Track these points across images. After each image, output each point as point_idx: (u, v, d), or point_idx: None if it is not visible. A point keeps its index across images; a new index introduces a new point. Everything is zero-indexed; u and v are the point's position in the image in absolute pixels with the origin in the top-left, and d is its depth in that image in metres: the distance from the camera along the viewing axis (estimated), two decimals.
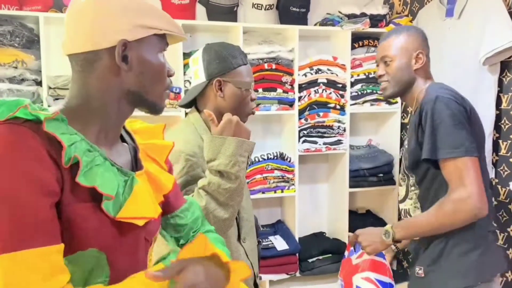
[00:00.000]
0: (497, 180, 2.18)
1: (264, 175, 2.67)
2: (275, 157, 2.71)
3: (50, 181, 0.70)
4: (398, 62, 1.56)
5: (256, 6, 2.77)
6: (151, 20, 0.83)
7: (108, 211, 0.76)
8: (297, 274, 2.76)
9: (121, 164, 0.85)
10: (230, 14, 2.75)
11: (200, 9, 2.78)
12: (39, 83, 2.31)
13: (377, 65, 1.65)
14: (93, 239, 0.76)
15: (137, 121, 1.01)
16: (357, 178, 2.88)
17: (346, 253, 1.66)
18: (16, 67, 2.25)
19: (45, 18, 2.27)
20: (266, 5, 2.77)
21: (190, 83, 2.44)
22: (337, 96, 2.79)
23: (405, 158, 1.56)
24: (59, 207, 0.72)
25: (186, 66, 2.49)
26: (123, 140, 0.94)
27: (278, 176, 2.70)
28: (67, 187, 0.73)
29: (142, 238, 0.88)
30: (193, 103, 1.47)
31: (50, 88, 2.31)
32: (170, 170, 1.04)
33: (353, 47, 2.83)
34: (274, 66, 2.63)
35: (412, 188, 1.52)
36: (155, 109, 0.88)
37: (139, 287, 0.73)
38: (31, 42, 2.32)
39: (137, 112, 0.90)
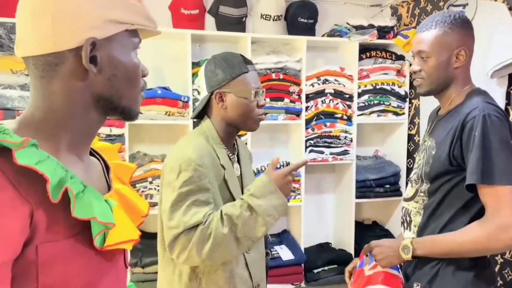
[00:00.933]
0: None
1: None
2: (282, 167, 2.71)
3: (9, 236, 0.58)
4: (437, 60, 1.40)
5: (264, 17, 2.79)
6: (121, 13, 0.70)
7: (96, 243, 0.67)
8: (303, 284, 2.75)
9: (95, 182, 0.75)
10: (238, 24, 2.78)
11: (210, 20, 2.81)
12: None
13: (413, 57, 1.50)
14: (77, 278, 0.66)
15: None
16: (364, 189, 2.88)
17: (357, 262, 1.60)
18: (27, 75, 2.28)
19: None
20: (274, 16, 2.80)
21: (198, 92, 2.48)
22: (344, 106, 2.80)
23: (427, 163, 1.43)
24: (28, 250, 0.61)
25: (194, 75, 2.52)
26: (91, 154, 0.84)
27: None
28: (41, 225, 0.62)
29: (122, 265, 0.81)
30: (205, 113, 1.49)
31: None
32: None
33: (360, 58, 2.84)
34: (281, 76, 2.65)
35: (421, 194, 1.45)
36: (130, 115, 0.76)
37: None
38: None
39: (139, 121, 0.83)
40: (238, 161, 1.51)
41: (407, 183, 2.75)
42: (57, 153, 0.69)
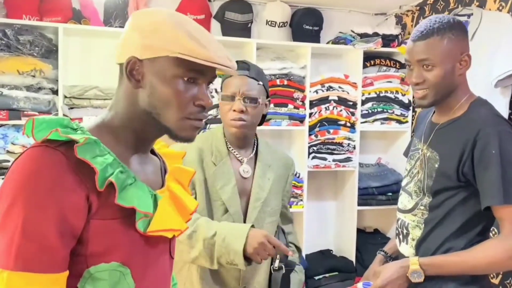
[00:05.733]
0: None
1: None
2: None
3: (68, 211, 0.72)
4: (443, 69, 1.31)
5: (270, 23, 2.81)
6: (159, 41, 0.80)
7: (139, 227, 0.79)
8: None
9: (149, 178, 0.89)
10: (244, 30, 2.80)
11: (215, 25, 2.83)
12: (55, 92, 2.36)
13: (409, 67, 1.39)
14: (118, 252, 0.78)
15: (161, 144, 1.04)
16: (366, 196, 2.88)
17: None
18: (34, 76, 2.30)
19: (64, 29, 2.33)
20: (279, 23, 2.81)
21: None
22: (348, 113, 2.81)
23: (429, 176, 1.36)
24: (88, 222, 0.75)
25: None
26: (154, 154, 0.97)
27: None
28: (96, 205, 0.76)
29: (167, 254, 0.92)
30: None
31: (65, 97, 2.35)
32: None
33: (364, 66, 2.85)
34: (286, 82, 2.66)
35: (422, 207, 1.39)
36: (171, 134, 0.86)
37: None
38: (50, 52, 2.37)
39: None
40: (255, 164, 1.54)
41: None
42: (120, 149, 0.83)
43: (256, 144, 1.57)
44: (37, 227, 0.70)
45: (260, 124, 1.56)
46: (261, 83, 1.48)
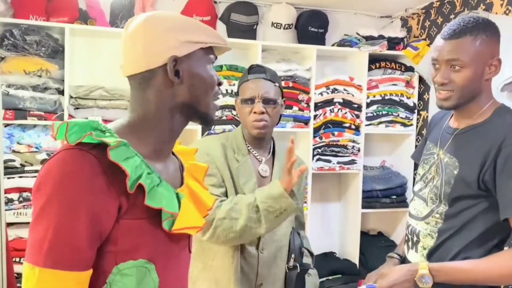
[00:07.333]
0: None
1: None
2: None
3: (99, 213, 0.76)
4: (473, 72, 1.25)
5: (275, 25, 2.81)
6: (196, 35, 0.89)
7: (165, 226, 0.84)
8: None
9: (171, 177, 0.93)
10: (249, 32, 2.80)
11: (221, 26, 2.83)
12: (61, 92, 2.37)
13: (435, 66, 1.32)
14: (145, 250, 0.83)
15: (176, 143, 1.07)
16: (370, 199, 2.87)
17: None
18: (40, 76, 2.31)
19: (70, 29, 2.34)
20: (285, 25, 2.81)
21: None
22: (353, 116, 2.81)
23: (447, 183, 1.30)
24: (117, 222, 0.80)
25: None
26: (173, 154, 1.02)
27: None
28: (126, 206, 0.80)
29: (187, 249, 0.96)
30: None
31: (71, 97, 2.36)
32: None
33: (370, 69, 2.85)
34: (291, 84, 2.66)
35: (437, 216, 1.33)
36: (206, 120, 0.95)
37: None
38: (56, 52, 2.38)
39: None
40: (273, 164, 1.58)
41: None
42: (145, 150, 0.87)
43: (273, 145, 1.62)
44: (69, 227, 0.74)
45: (276, 124, 1.60)
46: (277, 84, 1.54)
